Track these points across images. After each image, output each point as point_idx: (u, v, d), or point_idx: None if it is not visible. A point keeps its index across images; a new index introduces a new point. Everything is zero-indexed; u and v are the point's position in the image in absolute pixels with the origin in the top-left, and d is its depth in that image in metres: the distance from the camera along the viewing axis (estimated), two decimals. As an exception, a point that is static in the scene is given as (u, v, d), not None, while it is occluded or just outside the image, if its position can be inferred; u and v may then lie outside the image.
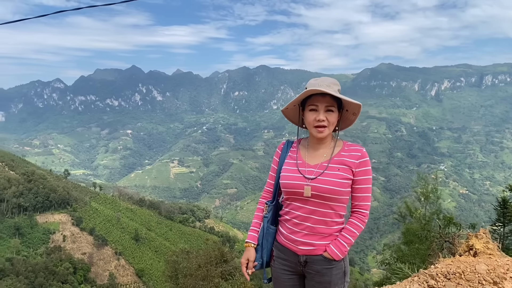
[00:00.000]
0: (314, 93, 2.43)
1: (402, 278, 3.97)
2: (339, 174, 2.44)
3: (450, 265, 2.94)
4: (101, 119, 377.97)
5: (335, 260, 2.48)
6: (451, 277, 2.79)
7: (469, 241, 3.41)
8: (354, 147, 2.56)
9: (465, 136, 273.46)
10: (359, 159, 2.49)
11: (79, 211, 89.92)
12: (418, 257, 5.19)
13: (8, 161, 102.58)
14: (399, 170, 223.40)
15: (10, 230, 78.57)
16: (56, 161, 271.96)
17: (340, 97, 2.42)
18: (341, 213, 2.51)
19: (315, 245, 2.50)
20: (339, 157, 2.51)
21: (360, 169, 2.48)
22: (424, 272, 2.94)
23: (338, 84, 2.50)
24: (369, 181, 2.53)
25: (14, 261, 61.06)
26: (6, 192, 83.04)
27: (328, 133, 2.51)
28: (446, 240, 3.65)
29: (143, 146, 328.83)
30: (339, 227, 2.52)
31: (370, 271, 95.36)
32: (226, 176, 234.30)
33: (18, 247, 73.45)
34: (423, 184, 7.14)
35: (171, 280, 19.26)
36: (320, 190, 2.42)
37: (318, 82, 2.45)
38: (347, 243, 2.47)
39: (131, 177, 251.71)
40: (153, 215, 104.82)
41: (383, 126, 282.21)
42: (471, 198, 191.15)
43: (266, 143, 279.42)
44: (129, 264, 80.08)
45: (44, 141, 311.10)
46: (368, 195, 2.53)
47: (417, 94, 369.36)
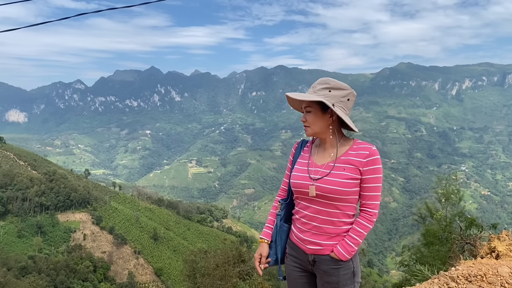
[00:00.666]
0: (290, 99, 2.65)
1: (422, 280, 3.90)
2: (344, 174, 2.44)
3: (471, 267, 2.87)
4: (120, 120, 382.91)
5: (342, 261, 2.47)
6: (472, 280, 2.74)
7: (491, 243, 3.33)
8: (363, 145, 2.51)
9: (487, 136, 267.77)
10: (367, 158, 2.45)
11: (99, 210, 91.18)
12: (438, 259, 5.09)
13: (30, 161, 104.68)
14: (418, 171, 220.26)
15: (33, 228, 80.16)
16: (76, 161, 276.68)
17: (301, 99, 2.53)
18: (349, 213, 2.50)
19: (322, 245, 2.52)
20: (346, 156, 2.50)
21: (367, 168, 2.44)
22: (444, 274, 2.88)
23: (323, 83, 2.51)
24: (378, 180, 2.47)
25: (36, 259, 62.22)
26: (29, 191, 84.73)
27: (312, 132, 2.57)
28: (468, 242, 3.54)
29: (162, 146, 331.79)
30: (348, 227, 2.51)
31: (389, 272, 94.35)
32: (243, 176, 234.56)
33: (40, 245, 74.88)
34: (444, 184, 6.99)
35: (189, 280, 19.34)
36: (324, 190, 2.44)
37: (312, 86, 2.58)
38: (354, 243, 2.45)
39: (150, 177, 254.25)
40: (171, 215, 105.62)
41: (403, 126, 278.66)
42: (493, 200, 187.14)
43: (284, 143, 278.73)
44: (148, 263, 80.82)
45: (65, 141, 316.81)
46: (376, 194, 2.47)
47: (437, 94, 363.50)
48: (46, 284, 52.19)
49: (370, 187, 2.45)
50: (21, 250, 70.66)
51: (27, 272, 55.99)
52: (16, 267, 54.44)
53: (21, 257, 60.65)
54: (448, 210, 6.54)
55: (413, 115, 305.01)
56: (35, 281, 49.75)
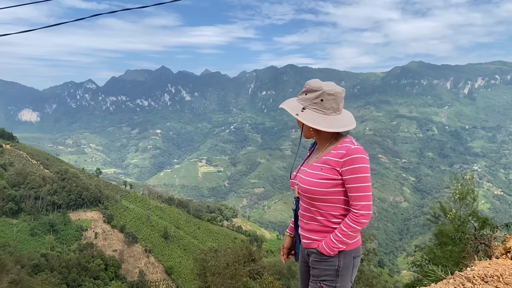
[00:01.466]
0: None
1: (435, 281, 3.85)
2: (319, 174, 2.50)
3: (487, 267, 2.83)
4: (131, 119, 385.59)
5: (324, 255, 2.57)
6: (489, 280, 2.70)
7: (507, 244, 3.29)
8: (344, 144, 2.52)
9: (500, 135, 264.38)
10: (344, 158, 2.45)
11: (110, 209, 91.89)
12: (451, 259, 5.03)
13: (43, 160, 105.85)
14: (430, 171, 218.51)
15: (45, 226, 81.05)
16: (88, 160, 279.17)
17: (283, 107, 2.68)
18: (334, 213, 2.56)
19: (312, 239, 2.66)
20: (326, 156, 2.54)
21: (346, 168, 2.44)
22: (460, 274, 2.85)
23: (305, 86, 2.63)
24: (359, 179, 2.43)
25: (49, 257, 62.92)
26: (41, 190, 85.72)
27: (304, 135, 2.71)
28: (482, 242, 3.47)
29: (172, 146, 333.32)
30: (336, 226, 2.57)
31: (400, 273, 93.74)
32: (253, 176, 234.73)
33: (53, 243, 75.71)
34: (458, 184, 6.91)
35: (200, 278, 19.40)
36: (301, 189, 2.57)
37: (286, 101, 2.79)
38: (337, 241, 2.50)
39: (160, 176, 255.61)
40: (181, 214, 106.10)
41: (414, 125, 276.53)
42: (507, 200, 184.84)
43: (294, 143, 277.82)
44: (159, 261, 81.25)
45: (77, 140, 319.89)
46: (359, 195, 2.45)
47: (449, 93, 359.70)
48: (58, 281, 52.78)
49: (352, 188, 2.44)
50: (34, 248, 71.49)
51: (39, 269, 56.67)
52: (29, 264, 55.07)
53: (34, 255, 61.36)
54: (462, 210, 6.47)
55: (425, 114, 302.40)
56: (47, 278, 50.32)
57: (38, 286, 41.03)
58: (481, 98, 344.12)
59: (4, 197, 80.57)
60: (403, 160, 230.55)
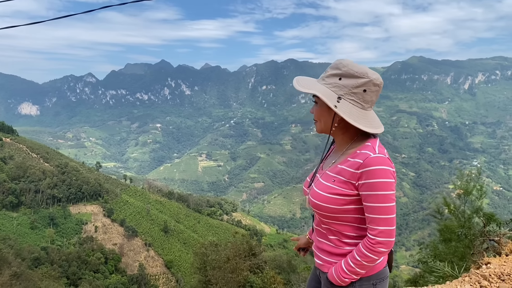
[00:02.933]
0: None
1: (441, 277, 3.84)
2: (331, 188, 1.96)
3: (503, 265, 2.73)
4: (131, 113, 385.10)
5: (334, 284, 2.06)
6: (505, 278, 2.59)
7: (516, 241, 3.27)
8: (364, 150, 1.93)
9: (500, 131, 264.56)
10: (360, 169, 1.88)
11: (110, 203, 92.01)
12: (456, 255, 5.02)
13: (43, 154, 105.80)
14: (429, 166, 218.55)
15: (45, 220, 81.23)
16: (88, 153, 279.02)
17: (300, 89, 2.02)
18: (350, 234, 2.01)
19: (323, 261, 2.14)
20: (342, 164, 1.99)
21: (363, 182, 1.87)
22: (476, 272, 2.75)
23: (334, 68, 2.02)
24: (378, 198, 1.84)
25: (49, 250, 63.09)
26: (41, 183, 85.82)
27: (319, 128, 2.10)
28: (491, 239, 3.42)
29: (172, 140, 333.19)
30: (350, 248, 2.01)
31: (399, 267, 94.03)
32: (253, 170, 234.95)
33: (53, 236, 75.93)
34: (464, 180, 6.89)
35: (200, 272, 19.47)
36: (312, 203, 2.03)
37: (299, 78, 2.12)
38: (348, 270, 1.96)
39: (160, 170, 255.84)
40: (181, 208, 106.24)
41: (414, 120, 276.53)
42: (506, 195, 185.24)
43: (294, 138, 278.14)
44: (158, 255, 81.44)
45: (77, 134, 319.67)
46: (377, 217, 1.86)
47: (450, 88, 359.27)
48: (58, 275, 52.93)
49: (368, 207, 1.88)
50: (34, 241, 71.64)
51: (40, 263, 56.82)
52: (29, 258, 55.21)
53: (34, 248, 61.51)
54: (466, 206, 6.46)
55: (425, 109, 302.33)
56: (47, 271, 50.42)
57: (38, 279, 41.10)
58: (481, 93, 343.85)
59: (4, 190, 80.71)
60: (402, 155, 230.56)
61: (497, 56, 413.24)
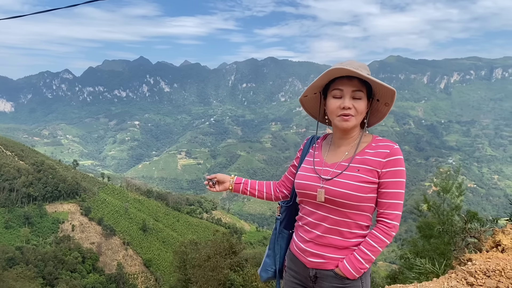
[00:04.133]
0: (339, 75, 2.02)
1: (421, 274, 3.92)
2: (358, 176, 2.00)
3: (488, 261, 2.80)
4: (109, 110, 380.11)
5: (348, 279, 2.01)
6: (491, 275, 2.64)
7: (496, 237, 3.30)
8: (383, 142, 2.06)
9: (474, 129, 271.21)
10: (387, 157, 1.99)
11: (88, 201, 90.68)
12: (437, 252, 5.13)
13: (18, 151, 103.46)
14: (406, 164, 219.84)
15: (20, 219, 79.52)
16: (65, 151, 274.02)
17: (371, 79, 1.97)
18: (362, 224, 2.04)
19: (326, 258, 2.06)
20: (362, 155, 2.05)
21: (387, 170, 1.98)
22: (462, 269, 2.80)
23: (367, 68, 2.04)
24: (399, 185, 1.99)
25: (24, 250, 61.86)
26: (16, 182, 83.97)
27: (354, 124, 2.05)
28: (472, 236, 3.52)
29: (151, 137, 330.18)
30: (359, 240, 2.04)
31: (377, 264, 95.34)
32: (233, 168, 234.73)
33: (28, 236, 74.39)
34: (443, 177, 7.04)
35: (179, 271, 19.39)
36: (334, 194, 2.00)
37: (344, 65, 1.98)
38: (364, 260, 1.98)
39: (139, 168, 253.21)
40: (160, 206, 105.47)
41: (391, 119, 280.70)
42: (479, 192, 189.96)
43: (274, 135, 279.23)
44: (137, 254, 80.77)
45: (53, 131, 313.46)
46: (397, 202, 1.99)
47: (426, 87, 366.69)
48: (34, 275, 52.01)
49: (389, 193, 1.99)
50: (8, 241, 70.07)
51: (14, 263, 55.67)
52: (3, 258, 54.07)
53: (9, 248, 60.18)
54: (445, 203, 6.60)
55: (402, 108, 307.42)
56: (22, 272, 49.53)
57: (13, 280, 40.26)
58: (457, 93, 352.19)
59: (-23, 189, 78.73)
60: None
61: (472, 57, 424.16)
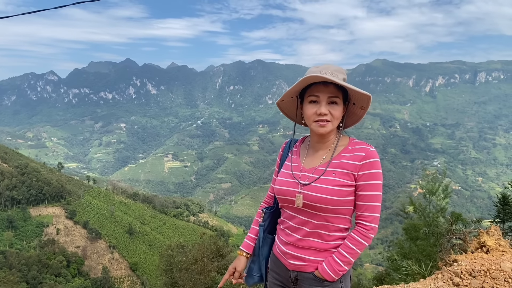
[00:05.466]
0: (314, 81, 2.01)
1: (408, 275, 3.95)
2: (335, 180, 2.00)
3: (474, 262, 2.86)
4: (94, 112, 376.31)
5: (327, 281, 2.04)
6: (476, 275, 2.71)
7: (481, 238, 3.36)
8: (359, 145, 2.08)
9: (459, 132, 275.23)
10: (363, 161, 2.01)
11: (73, 205, 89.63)
12: (423, 254, 5.18)
13: (1, 154, 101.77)
14: (392, 166, 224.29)
15: (3, 223, 78.20)
16: (49, 154, 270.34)
17: (346, 86, 2.00)
18: (341, 227, 2.06)
19: (306, 261, 2.08)
20: (339, 159, 2.06)
21: (363, 173, 2.00)
22: (448, 269, 2.85)
23: (343, 73, 2.06)
24: (376, 187, 2.02)
25: (7, 254, 60.83)
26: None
27: (331, 129, 2.05)
28: (457, 237, 3.59)
29: (137, 140, 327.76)
30: (339, 243, 2.06)
31: (363, 265, 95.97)
32: (220, 171, 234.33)
33: (11, 240, 73.19)
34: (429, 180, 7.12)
35: (166, 274, 19.25)
36: (311, 199, 2.00)
37: (320, 69, 2.00)
38: (343, 262, 2.00)
39: (125, 171, 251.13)
40: (147, 209, 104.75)
41: (377, 122, 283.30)
42: (464, 194, 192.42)
43: (261, 138, 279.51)
44: (123, 257, 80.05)
45: (38, 133, 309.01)
46: (374, 205, 2.02)
47: (412, 90, 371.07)
48: (17, 279, 51.09)
49: (366, 196, 2.01)
50: (-9, 245, 68.93)
51: (-3, 267, 54.70)
52: (-14, 262, 53.10)
53: (-9, 253, 59.17)
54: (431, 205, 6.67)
55: (388, 111, 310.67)
56: (5, 276, 48.63)
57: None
58: (442, 96, 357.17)
59: (-42, 192, 77.26)
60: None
61: (456, 60, 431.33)
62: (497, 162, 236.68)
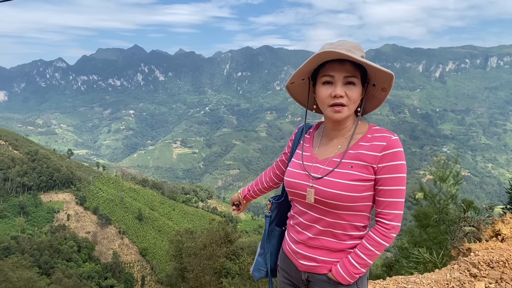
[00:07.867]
0: (328, 59, 1.72)
1: (419, 263, 3.91)
2: (351, 174, 1.74)
3: (491, 252, 2.73)
4: (103, 99, 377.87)
5: (341, 284, 1.81)
6: (494, 266, 2.58)
7: (495, 226, 3.26)
8: (379, 133, 1.78)
9: (469, 118, 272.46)
10: (383, 151, 1.72)
11: (83, 191, 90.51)
12: (435, 241, 5.12)
13: (11, 141, 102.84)
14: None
15: (15, 208, 79.31)
16: (59, 140, 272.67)
17: (365, 62, 1.68)
18: (359, 225, 1.81)
19: (319, 261, 1.85)
20: (356, 149, 1.78)
21: (384, 165, 1.71)
22: (465, 259, 2.73)
23: (361, 50, 1.76)
24: (399, 181, 1.72)
25: (19, 239, 61.73)
26: (10, 171, 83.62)
27: (347, 115, 1.77)
28: (471, 225, 3.45)
29: (146, 127, 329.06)
30: (355, 242, 1.82)
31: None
32: (228, 157, 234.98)
33: (23, 225, 74.32)
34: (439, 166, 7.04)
35: (175, 259, 19.41)
36: (324, 195, 1.76)
37: (334, 46, 1.72)
38: (360, 264, 1.76)
39: (134, 157, 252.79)
40: (156, 195, 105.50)
41: (386, 107, 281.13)
42: (473, 181, 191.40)
43: (269, 125, 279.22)
44: (133, 243, 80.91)
45: (47, 120, 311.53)
46: (396, 201, 1.73)
47: (421, 76, 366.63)
48: (30, 264, 51.87)
49: (387, 191, 1.73)
50: (3, 230, 70.10)
51: (10, 252, 55.59)
52: (-1, 247, 54.00)
53: (4, 238, 60.15)
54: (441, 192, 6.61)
55: (397, 97, 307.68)
56: (18, 261, 49.36)
57: (9, 269, 40.22)
58: (452, 81, 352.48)
59: (-30, 178, 78.35)
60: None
61: (467, 45, 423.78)
62: (507, 148, 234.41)
